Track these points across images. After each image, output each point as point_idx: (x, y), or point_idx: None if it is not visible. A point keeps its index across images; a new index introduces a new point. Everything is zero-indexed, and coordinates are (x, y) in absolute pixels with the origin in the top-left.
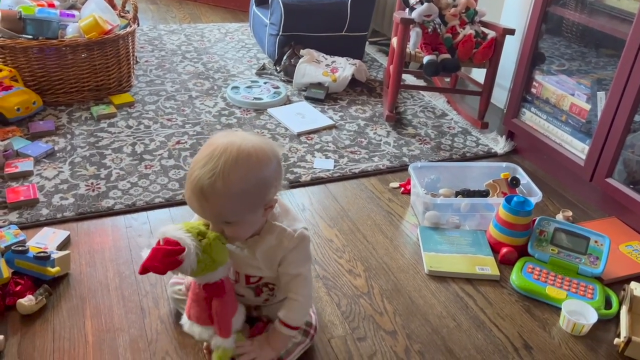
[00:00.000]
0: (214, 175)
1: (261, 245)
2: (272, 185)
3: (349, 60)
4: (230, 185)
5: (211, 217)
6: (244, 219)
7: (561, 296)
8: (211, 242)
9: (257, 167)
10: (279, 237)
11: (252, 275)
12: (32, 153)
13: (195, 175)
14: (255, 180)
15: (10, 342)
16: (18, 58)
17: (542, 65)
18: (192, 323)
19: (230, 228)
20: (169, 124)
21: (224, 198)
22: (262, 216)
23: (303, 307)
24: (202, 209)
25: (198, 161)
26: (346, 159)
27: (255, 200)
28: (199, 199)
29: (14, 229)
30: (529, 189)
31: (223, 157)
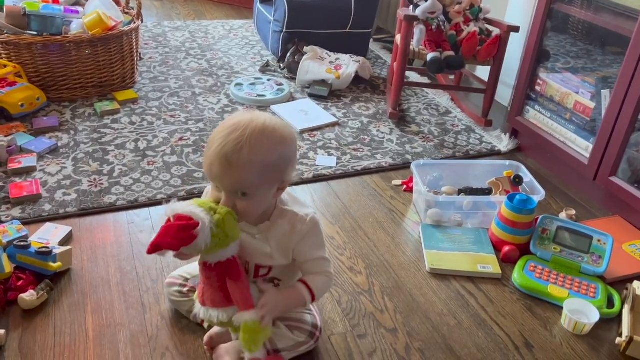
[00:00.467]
0: (240, 143)
1: (274, 232)
2: (291, 163)
3: (352, 58)
4: (256, 154)
5: (230, 186)
6: (259, 192)
7: (563, 295)
8: (224, 216)
9: (281, 142)
10: (291, 222)
11: (262, 266)
12: (36, 149)
13: (220, 143)
14: (278, 154)
15: (11, 336)
16: (22, 54)
17: (546, 62)
18: (207, 309)
19: (244, 202)
20: (172, 121)
21: (247, 166)
22: (273, 196)
23: (328, 283)
24: (223, 176)
25: (222, 131)
26: (349, 156)
27: (274, 175)
28: (223, 165)
29: (17, 224)
30: (532, 187)
31: (250, 128)
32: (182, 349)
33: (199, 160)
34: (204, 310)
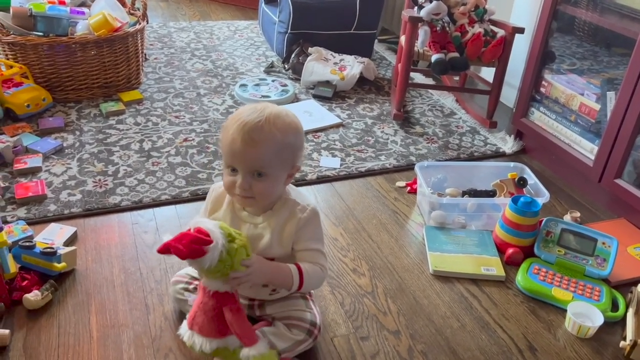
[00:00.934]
0: (261, 121)
1: (275, 220)
2: (301, 149)
3: (357, 59)
4: (276, 131)
5: (250, 162)
6: (274, 172)
7: (567, 298)
8: (238, 248)
9: (295, 127)
10: (292, 210)
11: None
12: (41, 149)
13: (242, 121)
14: (292, 136)
15: (16, 336)
16: (28, 55)
17: (551, 64)
18: (192, 333)
19: (260, 183)
20: (176, 121)
21: (269, 142)
22: (284, 182)
23: (321, 276)
24: (245, 152)
25: (240, 113)
26: (353, 157)
27: (289, 156)
28: (245, 140)
29: (22, 225)
30: (537, 190)
31: (267, 110)
32: (185, 350)
33: (203, 161)
34: (189, 334)
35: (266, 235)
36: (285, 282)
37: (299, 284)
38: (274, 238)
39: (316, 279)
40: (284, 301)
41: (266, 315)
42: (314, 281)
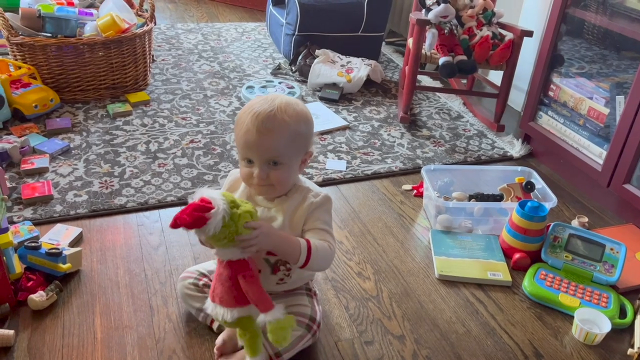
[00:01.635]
0: (273, 110)
1: (288, 204)
2: (312, 135)
3: (364, 61)
4: (288, 119)
5: (265, 152)
6: (289, 160)
7: (574, 304)
8: (242, 213)
9: (305, 115)
10: (305, 195)
11: None
12: (48, 150)
13: (255, 112)
14: (304, 123)
15: (20, 337)
16: (37, 56)
17: (560, 67)
18: (215, 305)
19: (276, 171)
20: (183, 123)
21: (282, 131)
22: (298, 169)
23: (329, 254)
24: (260, 142)
25: (252, 105)
26: (359, 160)
27: (302, 144)
28: (259, 130)
29: (28, 225)
30: (544, 194)
31: (278, 100)
32: (189, 352)
33: (209, 162)
34: (212, 305)
35: (279, 218)
36: (292, 252)
37: (306, 258)
38: (285, 221)
39: (323, 257)
40: (288, 296)
41: None
42: (321, 258)
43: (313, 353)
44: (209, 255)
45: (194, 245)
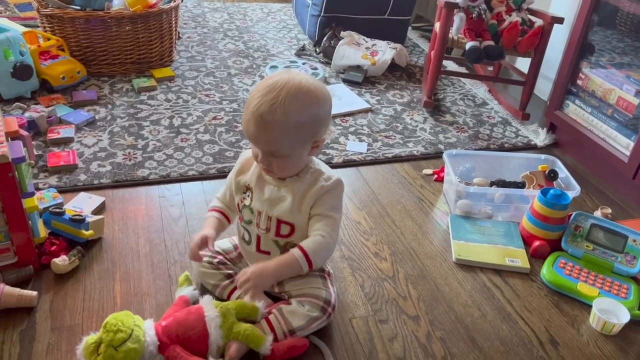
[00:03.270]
0: (275, 104)
1: (299, 185)
2: (324, 123)
3: (389, 44)
4: (289, 115)
5: (264, 146)
6: (293, 152)
7: (593, 294)
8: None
9: (315, 103)
10: (316, 177)
11: (284, 222)
12: (74, 120)
13: (256, 102)
14: (311, 115)
15: (43, 298)
16: (65, 28)
17: (590, 57)
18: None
19: (279, 160)
20: (206, 100)
21: (281, 127)
22: (309, 154)
23: (328, 248)
24: (258, 135)
25: (259, 90)
26: (380, 143)
27: (307, 134)
28: (258, 124)
29: (53, 192)
30: (567, 183)
31: (285, 89)
32: None
33: (231, 139)
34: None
35: (288, 199)
36: (293, 270)
37: (307, 264)
38: (294, 203)
39: (323, 251)
40: (302, 279)
41: (284, 292)
42: (322, 253)
43: (327, 329)
44: (225, 233)
45: None
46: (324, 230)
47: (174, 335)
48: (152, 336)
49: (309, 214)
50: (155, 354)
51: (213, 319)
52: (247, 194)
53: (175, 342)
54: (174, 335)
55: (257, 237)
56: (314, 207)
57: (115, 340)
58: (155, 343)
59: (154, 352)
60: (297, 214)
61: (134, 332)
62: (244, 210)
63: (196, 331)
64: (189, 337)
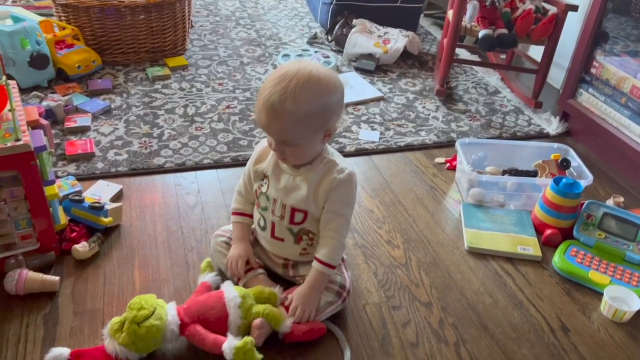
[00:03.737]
0: (285, 93)
1: (312, 174)
2: (335, 112)
3: (402, 32)
4: (299, 105)
5: (275, 135)
6: (305, 141)
7: (604, 281)
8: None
9: (325, 92)
10: (329, 168)
11: (298, 210)
12: (90, 109)
13: (267, 91)
14: (321, 104)
15: (65, 283)
16: (80, 17)
17: (604, 44)
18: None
19: (291, 149)
20: (220, 89)
21: (291, 117)
22: (320, 142)
23: (342, 247)
24: (269, 124)
25: (271, 80)
26: (392, 131)
27: (318, 124)
28: (269, 114)
29: (72, 180)
30: (580, 172)
31: (295, 79)
32: None
33: (244, 128)
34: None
35: (303, 189)
36: (325, 278)
37: (331, 269)
38: (310, 191)
39: (338, 252)
40: None
41: (299, 276)
42: (337, 255)
43: (341, 315)
44: None
45: (229, 206)
46: (335, 232)
47: (195, 316)
48: (174, 316)
49: (322, 207)
50: (176, 334)
51: (232, 299)
52: (264, 182)
53: (196, 322)
54: (195, 315)
55: (272, 223)
56: (327, 201)
57: (138, 317)
58: (177, 322)
59: (175, 331)
60: (312, 203)
61: (157, 310)
62: (260, 197)
63: (216, 311)
64: (209, 317)
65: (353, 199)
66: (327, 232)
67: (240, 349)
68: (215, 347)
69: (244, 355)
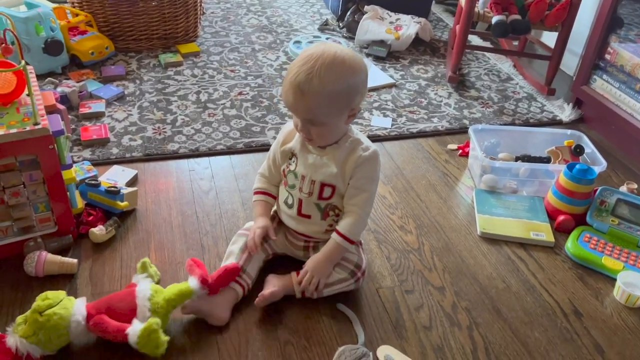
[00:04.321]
0: (311, 74)
1: (339, 153)
2: (359, 92)
3: (414, 19)
4: (325, 84)
5: (302, 114)
6: (330, 120)
7: (617, 267)
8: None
9: (349, 72)
10: (354, 146)
11: (327, 184)
12: (104, 95)
13: (294, 72)
14: (346, 84)
15: (83, 266)
16: (93, 3)
17: (619, 30)
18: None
19: (317, 128)
20: (232, 75)
21: (317, 96)
22: (344, 122)
23: (363, 223)
24: (296, 103)
25: (297, 61)
26: (404, 118)
27: (343, 103)
28: (295, 93)
29: (87, 165)
30: (593, 159)
31: (320, 60)
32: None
33: (257, 114)
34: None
35: (331, 167)
36: (342, 251)
37: (349, 243)
38: (338, 170)
39: (359, 228)
40: None
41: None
42: (358, 229)
43: (355, 298)
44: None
45: (242, 191)
46: (359, 207)
47: (103, 308)
48: (82, 307)
49: (348, 183)
50: (82, 326)
51: (142, 291)
52: (292, 160)
53: (102, 313)
54: (103, 307)
55: (299, 200)
56: (352, 178)
57: (40, 306)
58: (83, 314)
59: (81, 323)
60: (340, 179)
61: (63, 301)
62: (288, 175)
63: (125, 303)
64: (116, 309)
65: (377, 176)
66: (350, 207)
67: (146, 330)
68: (119, 333)
69: (149, 337)
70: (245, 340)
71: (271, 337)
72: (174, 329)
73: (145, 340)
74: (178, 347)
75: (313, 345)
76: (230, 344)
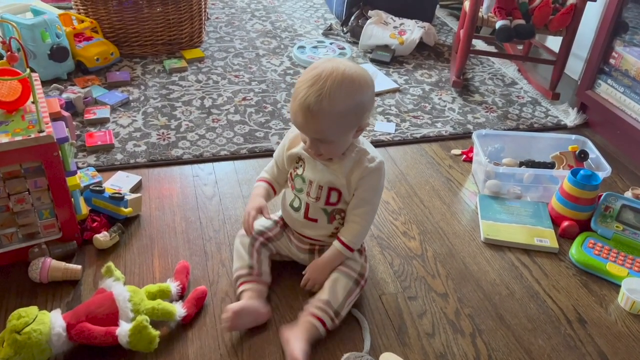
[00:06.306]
0: (321, 95)
1: (345, 163)
2: (368, 109)
3: (417, 23)
4: (334, 105)
5: (312, 134)
6: (339, 138)
7: (622, 274)
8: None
9: (359, 91)
10: (360, 155)
11: (334, 188)
12: (109, 101)
13: (303, 94)
14: (355, 102)
15: (86, 272)
16: (99, 10)
17: (624, 35)
18: None
19: (326, 146)
20: (236, 81)
21: (327, 117)
22: (353, 137)
23: (365, 233)
24: (306, 124)
25: (305, 81)
26: (408, 123)
27: (352, 122)
28: (305, 114)
29: (92, 171)
30: (598, 164)
31: (329, 80)
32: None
33: (260, 120)
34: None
35: (340, 177)
36: (341, 258)
37: (349, 251)
38: (344, 181)
39: (360, 237)
40: None
41: None
42: (359, 238)
43: (358, 304)
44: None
45: (246, 197)
46: (362, 217)
47: (83, 316)
48: (59, 318)
49: (353, 194)
50: (64, 337)
51: (120, 293)
52: (299, 164)
53: (83, 322)
54: (83, 315)
55: (307, 205)
56: (358, 189)
57: (17, 325)
58: (62, 325)
59: (62, 335)
60: (346, 189)
61: (38, 317)
62: (296, 179)
63: (104, 308)
64: (97, 314)
65: (382, 187)
66: (353, 217)
67: (136, 328)
68: (108, 336)
69: (141, 333)
70: (248, 347)
71: (273, 344)
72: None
73: (137, 337)
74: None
75: (316, 351)
76: (231, 347)
